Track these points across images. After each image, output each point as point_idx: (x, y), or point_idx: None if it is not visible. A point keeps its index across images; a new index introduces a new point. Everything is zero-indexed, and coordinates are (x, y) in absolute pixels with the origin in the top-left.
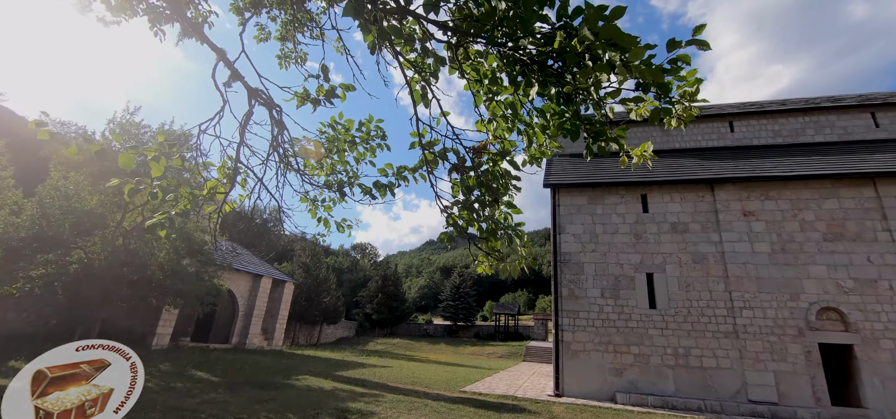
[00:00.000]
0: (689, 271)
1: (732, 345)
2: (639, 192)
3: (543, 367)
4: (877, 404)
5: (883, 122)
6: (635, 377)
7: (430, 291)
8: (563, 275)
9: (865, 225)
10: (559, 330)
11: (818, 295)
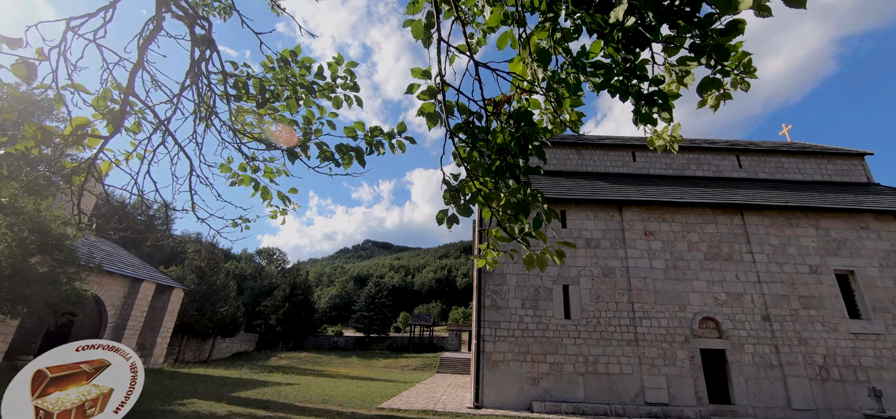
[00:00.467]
0: (600, 284)
1: (633, 352)
2: (559, 208)
3: (459, 378)
4: (742, 400)
5: (745, 163)
6: (550, 385)
7: (343, 302)
8: (487, 286)
9: (735, 247)
10: (481, 340)
11: (700, 306)
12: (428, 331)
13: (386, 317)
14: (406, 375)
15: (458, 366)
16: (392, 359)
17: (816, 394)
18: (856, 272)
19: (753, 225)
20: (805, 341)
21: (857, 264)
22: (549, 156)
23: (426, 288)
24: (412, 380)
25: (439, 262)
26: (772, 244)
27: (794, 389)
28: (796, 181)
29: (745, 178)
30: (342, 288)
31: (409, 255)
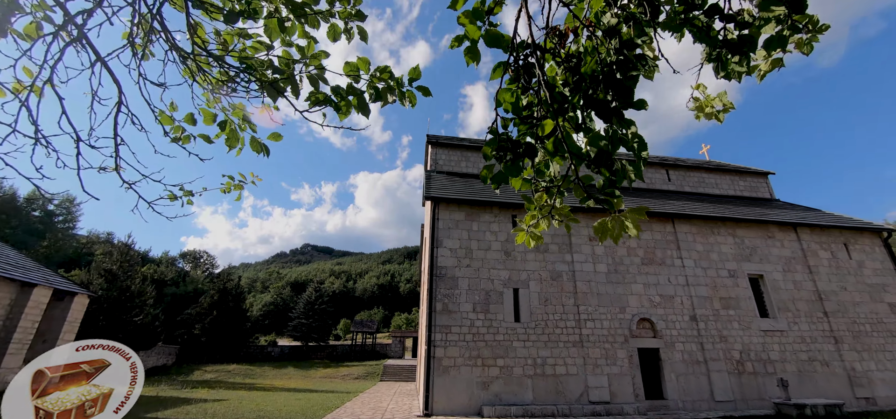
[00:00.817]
0: (548, 287)
1: (578, 353)
2: (510, 212)
3: (404, 386)
4: (673, 395)
5: (673, 177)
6: (500, 389)
7: (278, 309)
8: (439, 289)
9: (667, 253)
10: (431, 346)
11: (638, 308)
12: (371, 339)
13: (326, 324)
14: (348, 385)
15: (402, 373)
16: (332, 369)
17: (734, 387)
18: (765, 276)
19: (683, 233)
20: (725, 338)
21: (766, 269)
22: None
23: (368, 294)
24: (355, 390)
25: (382, 268)
26: (698, 250)
27: (717, 383)
28: (715, 195)
29: (673, 191)
30: (277, 294)
31: (352, 260)
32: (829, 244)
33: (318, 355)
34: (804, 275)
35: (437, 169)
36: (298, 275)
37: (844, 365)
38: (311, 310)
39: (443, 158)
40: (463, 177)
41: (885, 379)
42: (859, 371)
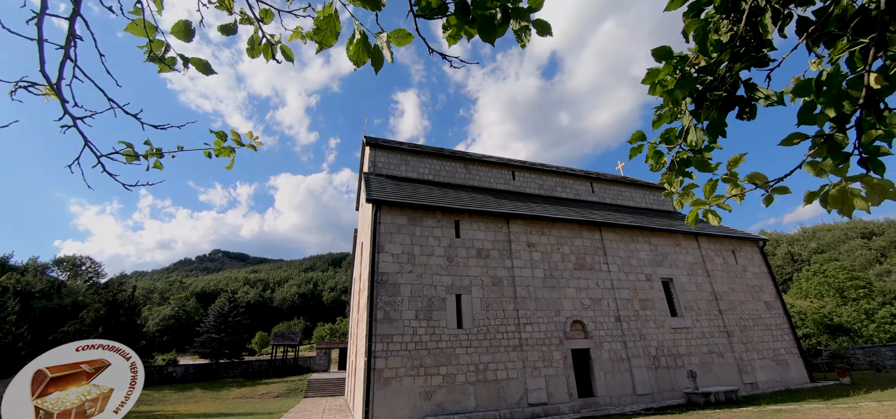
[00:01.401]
0: (490, 293)
1: (518, 357)
2: (453, 217)
3: (332, 401)
4: (602, 392)
5: (596, 189)
6: (443, 398)
7: (181, 323)
8: (380, 296)
9: (596, 259)
10: (372, 357)
11: (571, 311)
12: (293, 352)
13: (241, 338)
14: (268, 405)
15: (328, 387)
16: (248, 388)
17: (652, 380)
18: (674, 279)
19: (609, 240)
20: (643, 337)
21: (674, 273)
22: (439, 168)
23: (288, 304)
24: (277, 409)
25: (304, 276)
26: (621, 256)
27: (638, 377)
28: (631, 206)
29: (597, 202)
30: (180, 307)
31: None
32: (722, 251)
33: (231, 373)
34: (704, 279)
35: (375, 172)
36: (206, 285)
37: (735, 355)
38: (223, 323)
39: (382, 161)
40: (403, 181)
41: (763, 366)
42: (745, 360)
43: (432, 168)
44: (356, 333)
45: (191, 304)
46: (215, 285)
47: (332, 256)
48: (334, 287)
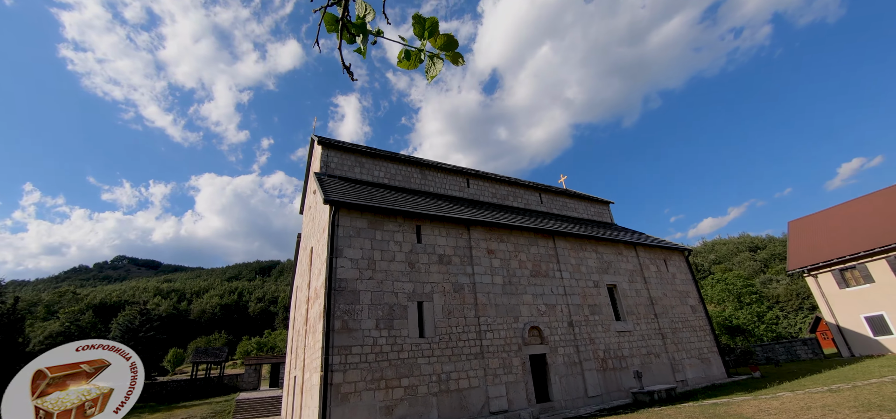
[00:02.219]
0: (451, 300)
1: (480, 365)
2: (415, 222)
3: None
4: (557, 396)
5: (545, 200)
6: (404, 412)
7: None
8: (338, 305)
9: (550, 266)
10: (328, 371)
11: (528, 317)
12: (217, 369)
13: (155, 355)
14: None
15: (260, 407)
16: (163, 414)
17: (601, 382)
18: (617, 286)
19: (561, 248)
20: (593, 340)
21: (618, 280)
22: (395, 172)
23: (207, 316)
24: None
25: (228, 285)
26: (572, 264)
27: (589, 380)
28: (574, 217)
29: (545, 212)
30: (72, 321)
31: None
32: (656, 260)
33: (142, 397)
34: (642, 285)
35: (328, 172)
36: (108, 296)
37: (668, 355)
38: (132, 338)
39: (335, 162)
40: (357, 183)
41: (691, 364)
42: (677, 359)
43: (388, 172)
44: (296, 347)
45: (86, 318)
46: (119, 296)
47: (261, 264)
48: (262, 297)
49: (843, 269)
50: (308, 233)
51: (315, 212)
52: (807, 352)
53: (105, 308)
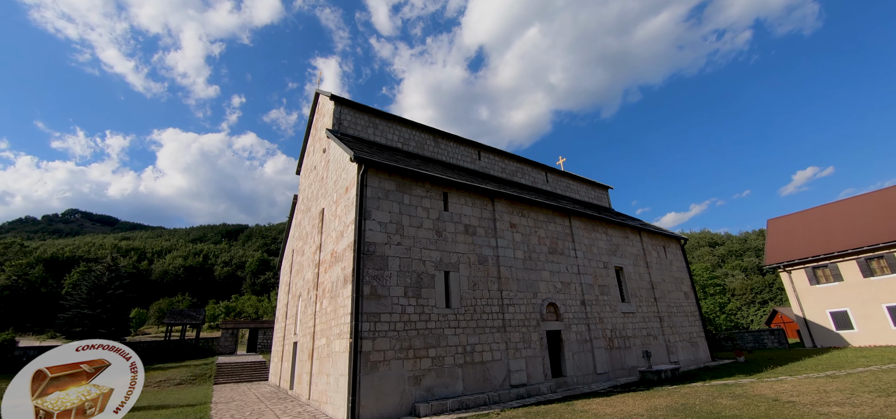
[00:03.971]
0: (476, 271)
1: (502, 338)
2: (442, 189)
3: (256, 387)
4: (570, 372)
5: (550, 180)
6: (432, 382)
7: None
8: (367, 269)
9: (566, 244)
10: (358, 338)
11: (546, 293)
12: (193, 332)
13: (123, 315)
14: (173, 395)
15: (242, 372)
16: None
17: (608, 360)
18: (623, 268)
19: (576, 228)
20: (602, 320)
21: (624, 263)
22: (408, 137)
23: (170, 277)
24: (188, 400)
25: (192, 247)
26: (585, 244)
27: (598, 358)
28: (578, 199)
29: (551, 192)
30: (19, 274)
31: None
32: (657, 246)
33: None
34: (644, 269)
35: (341, 130)
36: (59, 250)
37: (665, 338)
38: (99, 296)
39: (347, 120)
40: (371, 145)
41: (683, 347)
42: (671, 342)
43: (401, 136)
44: (295, 312)
45: (36, 273)
46: (72, 251)
47: (227, 227)
48: (229, 261)
49: (816, 267)
50: (313, 194)
51: (327, 172)
52: (773, 342)
53: (57, 263)
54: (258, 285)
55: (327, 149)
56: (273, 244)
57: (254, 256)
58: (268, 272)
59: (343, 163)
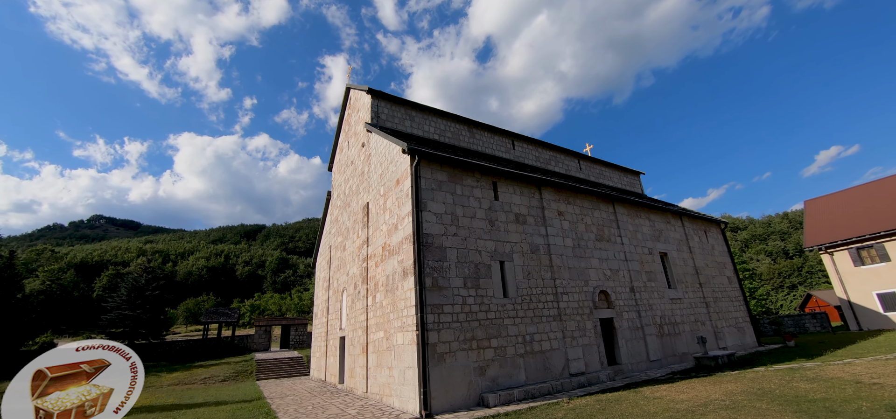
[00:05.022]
0: (529, 260)
1: (558, 326)
2: (491, 179)
3: (300, 382)
4: (624, 359)
5: (582, 166)
6: (496, 373)
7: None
8: (427, 261)
9: (611, 231)
10: (424, 330)
11: (596, 281)
12: (229, 330)
13: (160, 316)
14: (221, 391)
15: (280, 368)
16: (181, 373)
17: (659, 347)
18: (668, 253)
19: (620, 214)
20: (651, 307)
21: (668, 248)
22: (444, 128)
23: (194, 278)
24: (241, 396)
25: (213, 248)
26: (629, 230)
27: (650, 345)
28: (610, 185)
29: (583, 178)
30: (53, 279)
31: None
32: (698, 231)
33: (152, 357)
34: (687, 255)
35: (379, 124)
36: (88, 255)
37: (712, 324)
38: (138, 297)
39: (385, 113)
40: (409, 137)
41: (729, 332)
42: (719, 328)
43: (437, 127)
44: (339, 307)
45: (68, 277)
46: (100, 255)
47: (245, 228)
48: (249, 261)
49: (860, 248)
50: (352, 189)
51: (368, 166)
52: (815, 326)
53: (87, 267)
54: (278, 283)
55: (367, 143)
56: (290, 242)
57: (273, 255)
58: (288, 270)
59: (390, 155)
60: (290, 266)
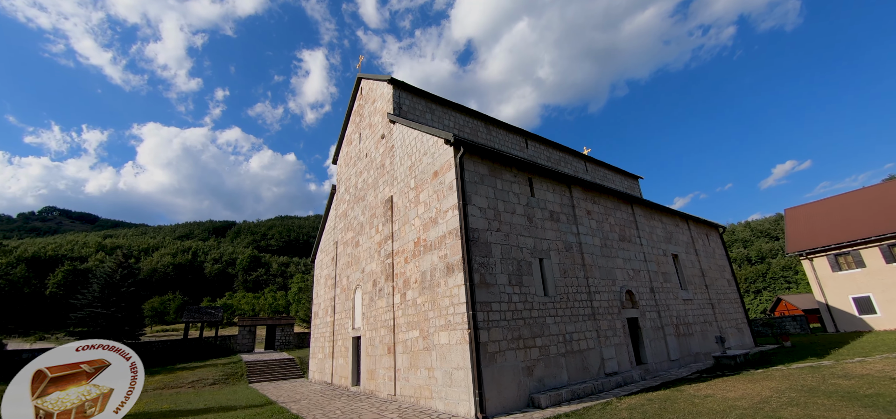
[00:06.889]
0: (565, 258)
1: (593, 326)
2: (527, 175)
3: (302, 385)
4: (649, 359)
5: (588, 168)
6: (542, 372)
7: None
8: (474, 258)
9: (632, 232)
10: (476, 328)
11: (623, 281)
12: (212, 330)
13: (137, 314)
14: (222, 395)
15: (272, 370)
16: (165, 375)
17: (677, 347)
18: (678, 256)
19: (639, 215)
20: (668, 307)
21: (678, 250)
22: (463, 123)
23: (159, 275)
24: (249, 400)
25: (180, 245)
26: (646, 231)
27: (670, 344)
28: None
29: (589, 181)
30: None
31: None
32: (701, 234)
33: None
34: (694, 257)
35: (401, 115)
36: (41, 249)
37: (717, 324)
38: (113, 294)
39: (407, 105)
40: None
41: (732, 333)
42: (723, 328)
43: (456, 122)
44: (350, 307)
45: (18, 272)
46: (54, 250)
47: (214, 224)
48: (219, 258)
49: (838, 254)
50: (368, 183)
51: (390, 158)
52: (795, 327)
53: (39, 262)
54: (250, 282)
55: (387, 134)
56: (263, 240)
57: (244, 253)
58: (260, 268)
59: (423, 147)
60: (263, 264)
